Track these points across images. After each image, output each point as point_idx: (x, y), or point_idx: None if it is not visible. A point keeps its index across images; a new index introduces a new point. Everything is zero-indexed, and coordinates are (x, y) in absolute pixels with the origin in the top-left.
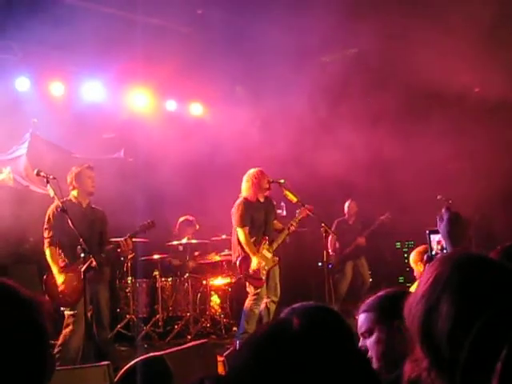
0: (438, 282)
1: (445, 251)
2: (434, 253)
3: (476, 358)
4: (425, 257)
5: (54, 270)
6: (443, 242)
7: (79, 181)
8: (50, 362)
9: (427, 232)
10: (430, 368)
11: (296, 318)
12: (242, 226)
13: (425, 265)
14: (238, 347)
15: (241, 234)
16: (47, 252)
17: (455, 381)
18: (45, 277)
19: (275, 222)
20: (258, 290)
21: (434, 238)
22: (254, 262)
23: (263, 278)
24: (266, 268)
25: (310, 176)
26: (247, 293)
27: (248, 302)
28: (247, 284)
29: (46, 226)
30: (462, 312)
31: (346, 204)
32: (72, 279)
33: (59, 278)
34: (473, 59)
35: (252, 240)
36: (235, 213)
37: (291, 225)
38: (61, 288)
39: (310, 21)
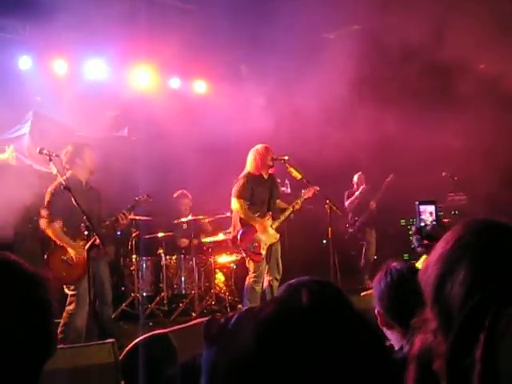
0: (458, 245)
1: (429, 224)
2: (422, 224)
3: (468, 324)
4: (413, 228)
5: (65, 243)
6: (425, 215)
7: (81, 158)
8: (54, 337)
9: (417, 203)
10: (437, 330)
11: (305, 293)
12: (238, 196)
13: (413, 236)
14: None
15: (235, 203)
16: (49, 231)
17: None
18: (45, 256)
19: (278, 201)
20: (257, 266)
21: (425, 208)
22: (259, 229)
23: (263, 253)
24: (267, 243)
25: (314, 154)
26: (249, 270)
27: (248, 280)
28: (247, 260)
29: (45, 204)
30: (478, 278)
31: (356, 176)
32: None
33: (72, 251)
34: (478, 34)
35: (256, 215)
36: (235, 184)
37: (296, 203)
38: (76, 259)
39: None
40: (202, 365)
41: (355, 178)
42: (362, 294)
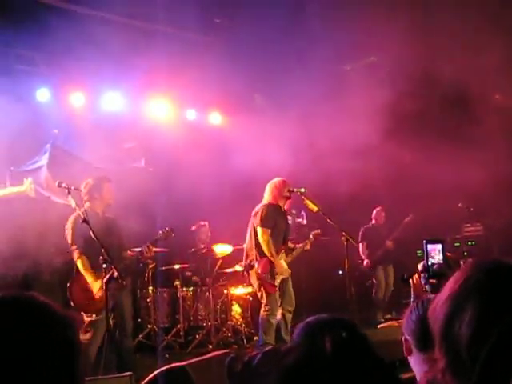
0: (466, 285)
1: (436, 263)
2: (430, 262)
3: (493, 365)
4: (420, 266)
5: (90, 278)
6: (433, 254)
7: (99, 192)
8: (81, 377)
9: (424, 241)
10: (445, 369)
11: (328, 341)
12: (265, 226)
13: (419, 274)
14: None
15: (262, 233)
16: (79, 262)
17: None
18: (69, 284)
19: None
20: (271, 299)
21: (433, 247)
22: (277, 265)
23: (277, 286)
24: (281, 277)
25: (330, 185)
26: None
27: (262, 313)
28: (259, 293)
29: (72, 238)
30: (485, 318)
31: (375, 211)
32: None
33: (96, 286)
34: (493, 65)
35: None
36: (258, 213)
37: (308, 242)
38: (98, 295)
39: (330, 29)
40: None
41: (374, 213)
42: (378, 326)
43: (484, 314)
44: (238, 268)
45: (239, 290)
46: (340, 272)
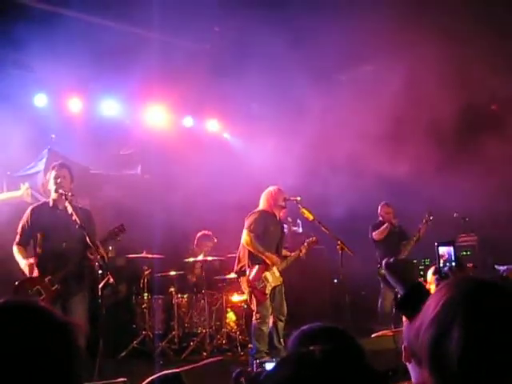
0: (449, 307)
1: (448, 264)
2: (441, 265)
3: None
4: (432, 268)
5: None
6: (446, 256)
7: (48, 182)
8: (79, 380)
9: (436, 244)
10: None
11: (318, 348)
12: (250, 230)
13: (434, 275)
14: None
15: (246, 236)
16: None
17: None
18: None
19: (284, 251)
20: (261, 307)
21: (445, 249)
22: (267, 257)
23: (267, 294)
24: (272, 285)
25: (326, 193)
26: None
27: (254, 321)
28: (251, 299)
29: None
30: (473, 338)
31: (379, 207)
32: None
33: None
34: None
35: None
36: (249, 218)
37: (301, 251)
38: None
39: (326, 38)
40: None
41: (379, 209)
42: (372, 335)
43: (471, 333)
44: (233, 275)
45: (234, 298)
46: (335, 280)
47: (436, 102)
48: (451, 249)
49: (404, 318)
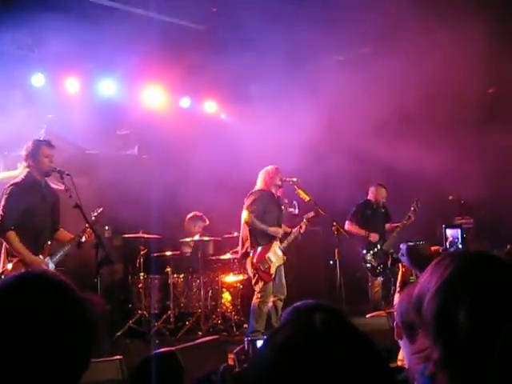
0: (453, 278)
1: (454, 247)
2: (448, 246)
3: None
4: (440, 249)
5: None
6: (451, 239)
7: (35, 158)
8: (92, 353)
9: (443, 226)
10: (440, 361)
11: (318, 315)
12: (250, 210)
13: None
14: (247, 345)
15: (246, 216)
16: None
17: (467, 374)
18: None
19: (283, 225)
20: (265, 287)
21: (451, 232)
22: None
23: (272, 273)
24: (277, 265)
25: (322, 174)
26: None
27: (255, 300)
28: (255, 280)
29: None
30: (482, 308)
31: (373, 188)
32: None
33: None
34: (488, 60)
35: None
36: (248, 198)
37: (301, 226)
38: None
39: (323, 19)
40: None
41: (374, 191)
42: (366, 316)
43: (480, 302)
44: (229, 256)
45: (230, 278)
46: (330, 262)
47: (434, 85)
48: (458, 231)
49: (395, 298)
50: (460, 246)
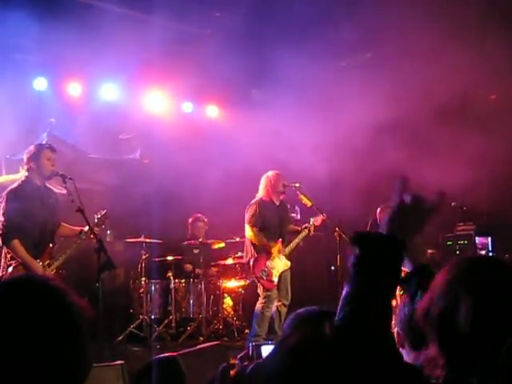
0: (454, 281)
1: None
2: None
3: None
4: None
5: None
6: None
7: (36, 161)
8: (88, 365)
9: (472, 233)
10: (445, 366)
11: (328, 325)
12: (251, 224)
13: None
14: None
15: (248, 230)
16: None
17: (472, 377)
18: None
19: (290, 225)
20: (269, 293)
21: (481, 240)
22: (270, 257)
23: (275, 280)
24: (279, 271)
25: (325, 181)
26: (259, 295)
27: (258, 305)
28: (258, 285)
29: None
30: (481, 309)
31: (379, 210)
32: None
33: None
34: (489, 67)
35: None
36: (247, 211)
37: (309, 230)
38: None
39: (327, 25)
40: None
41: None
42: None
43: (479, 305)
44: (231, 261)
45: (231, 283)
46: (332, 268)
47: (437, 87)
48: (489, 239)
49: (395, 304)
50: (489, 254)
